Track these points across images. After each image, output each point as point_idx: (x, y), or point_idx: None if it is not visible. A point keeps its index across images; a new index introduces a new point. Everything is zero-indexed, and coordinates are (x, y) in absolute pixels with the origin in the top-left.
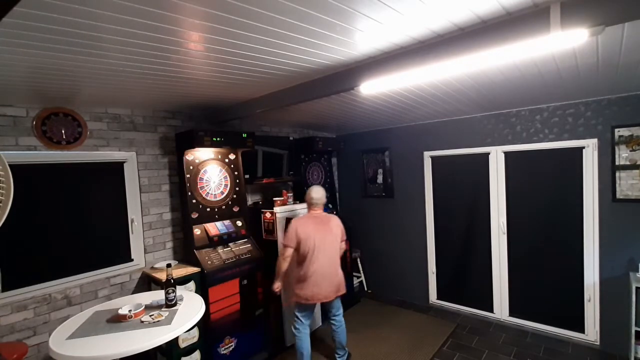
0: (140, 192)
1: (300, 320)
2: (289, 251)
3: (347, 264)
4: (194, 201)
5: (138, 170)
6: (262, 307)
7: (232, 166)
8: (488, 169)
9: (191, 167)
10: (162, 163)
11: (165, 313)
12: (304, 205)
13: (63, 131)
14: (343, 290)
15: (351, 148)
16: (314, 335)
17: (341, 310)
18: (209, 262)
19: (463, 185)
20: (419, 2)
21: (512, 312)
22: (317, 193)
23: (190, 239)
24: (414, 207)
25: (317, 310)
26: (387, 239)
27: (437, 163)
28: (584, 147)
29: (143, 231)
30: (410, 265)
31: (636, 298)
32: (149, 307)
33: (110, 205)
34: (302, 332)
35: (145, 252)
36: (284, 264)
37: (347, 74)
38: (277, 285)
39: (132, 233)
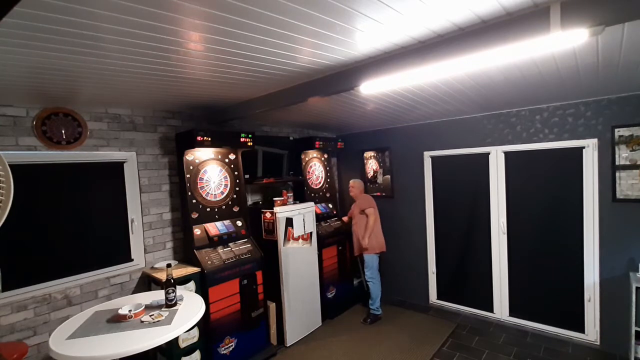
0: (140, 192)
1: (373, 271)
2: None
3: (347, 264)
4: (194, 201)
5: (138, 170)
6: (262, 307)
7: (232, 166)
8: (488, 169)
9: (191, 167)
10: (162, 163)
11: (165, 313)
12: (304, 205)
13: (63, 131)
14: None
15: (351, 148)
16: (314, 335)
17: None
18: (209, 262)
19: (463, 185)
20: (419, 2)
21: (512, 312)
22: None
23: (190, 239)
24: (414, 207)
25: (317, 309)
26: (387, 239)
27: (437, 163)
28: (584, 147)
29: (143, 231)
30: (410, 265)
31: (636, 298)
32: (149, 307)
33: (110, 205)
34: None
35: (145, 252)
36: None
37: (347, 74)
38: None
39: (132, 233)
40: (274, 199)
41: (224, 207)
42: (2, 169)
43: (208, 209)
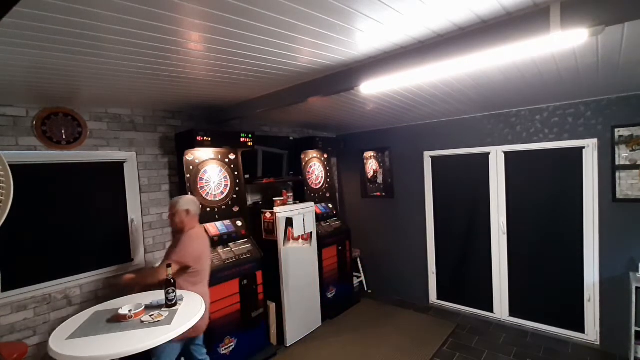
0: (140, 192)
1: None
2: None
3: (347, 264)
4: None
5: (138, 170)
6: (262, 307)
7: (232, 166)
8: (488, 169)
9: (191, 167)
10: (162, 163)
11: (165, 313)
12: (304, 205)
13: (63, 131)
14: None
15: (351, 148)
16: (314, 335)
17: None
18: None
19: (463, 185)
20: (419, 2)
21: (512, 312)
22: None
23: None
24: (414, 207)
25: (317, 309)
26: (387, 239)
27: (437, 163)
28: (584, 147)
29: (143, 231)
30: (410, 265)
31: (636, 298)
32: (149, 307)
33: (110, 205)
34: None
35: (145, 252)
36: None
37: (347, 74)
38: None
39: (132, 233)
40: (274, 199)
41: (224, 207)
42: (2, 169)
43: (208, 209)
